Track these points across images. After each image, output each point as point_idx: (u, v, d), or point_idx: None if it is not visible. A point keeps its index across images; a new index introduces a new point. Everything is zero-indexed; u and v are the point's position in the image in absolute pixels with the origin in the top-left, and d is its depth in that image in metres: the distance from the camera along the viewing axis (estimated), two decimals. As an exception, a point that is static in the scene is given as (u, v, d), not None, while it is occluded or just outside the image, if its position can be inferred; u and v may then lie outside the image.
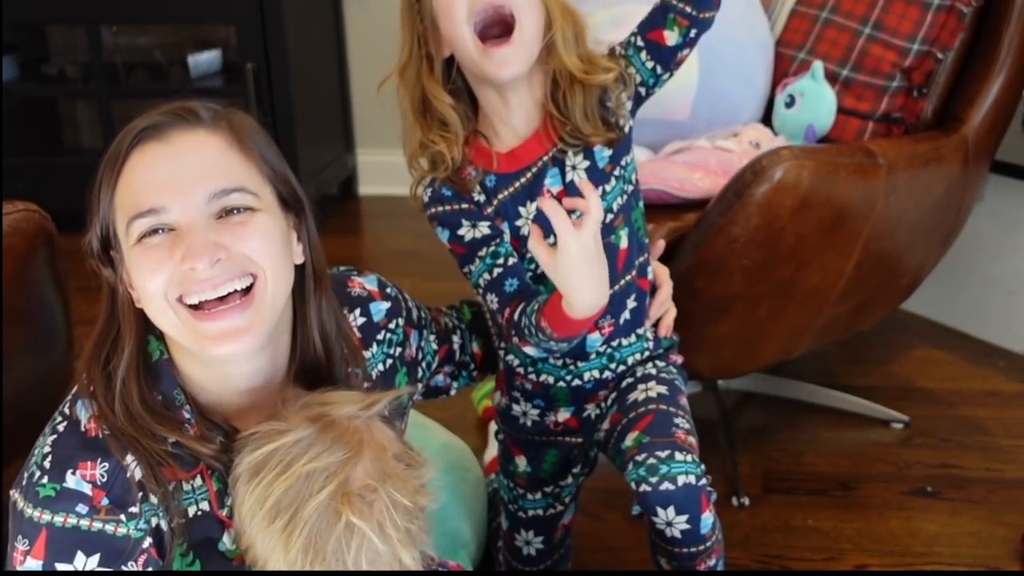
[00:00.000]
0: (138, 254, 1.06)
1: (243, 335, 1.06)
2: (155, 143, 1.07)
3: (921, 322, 2.58)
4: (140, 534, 1.06)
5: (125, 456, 1.06)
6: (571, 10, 1.32)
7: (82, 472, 1.05)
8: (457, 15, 1.24)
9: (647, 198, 1.74)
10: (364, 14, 3.53)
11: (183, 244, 1.04)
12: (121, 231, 1.08)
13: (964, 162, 1.91)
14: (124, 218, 1.07)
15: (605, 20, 2.01)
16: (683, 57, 1.37)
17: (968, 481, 1.97)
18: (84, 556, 1.03)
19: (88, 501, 1.04)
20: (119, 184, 1.08)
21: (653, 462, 1.25)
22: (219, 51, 3.35)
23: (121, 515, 1.05)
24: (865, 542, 1.80)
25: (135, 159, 1.07)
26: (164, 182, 1.05)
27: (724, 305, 1.71)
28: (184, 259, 1.04)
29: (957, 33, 1.90)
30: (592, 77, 1.31)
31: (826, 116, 1.93)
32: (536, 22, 1.27)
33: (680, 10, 1.32)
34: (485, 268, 1.34)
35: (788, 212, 1.60)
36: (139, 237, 1.06)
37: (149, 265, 1.05)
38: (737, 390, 2.27)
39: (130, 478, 1.06)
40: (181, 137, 1.08)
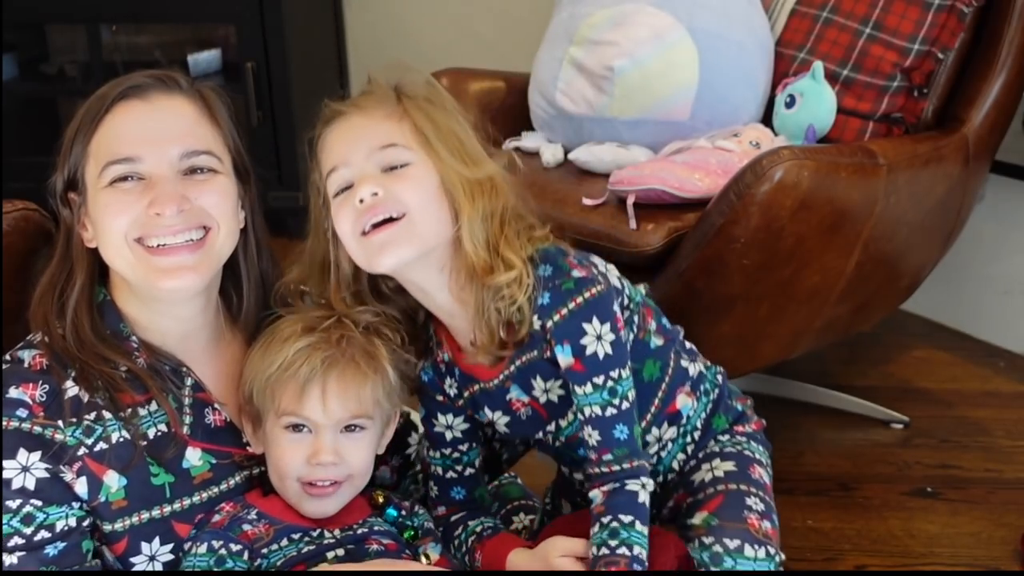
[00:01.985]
0: (107, 195, 1.16)
1: (190, 272, 1.18)
2: (138, 101, 1.20)
3: (921, 322, 2.59)
4: (75, 441, 1.16)
5: (65, 382, 1.18)
6: (490, 188, 1.19)
7: (24, 388, 1.17)
8: (343, 228, 1.17)
9: (647, 198, 1.74)
10: (364, 14, 3.53)
11: (152, 192, 1.15)
12: (92, 174, 1.18)
13: (964, 162, 1.91)
14: (99, 163, 1.17)
15: (605, 20, 2.01)
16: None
17: (968, 481, 1.97)
18: (27, 452, 1.14)
19: (28, 407, 1.16)
20: (98, 132, 1.18)
21: (719, 550, 1.21)
22: (219, 50, 3.35)
23: (59, 421, 1.16)
24: (865, 542, 1.80)
25: (118, 112, 1.19)
26: (142, 135, 1.18)
27: (724, 305, 1.71)
28: (152, 205, 1.15)
29: (957, 33, 1.90)
30: (491, 278, 1.16)
31: (826, 116, 1.93)
32: (431, 214, 1.16)
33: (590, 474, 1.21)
34: (442, 464, 1.35)
35: (788, 212, 1.60)
36: (111, 181, 1.16)
37: (117, 207, 1.16)
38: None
39: (68, 399, 1.17)
40: (161, 99, 1.21)
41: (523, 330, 1.18)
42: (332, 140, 1.20)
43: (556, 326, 1.17)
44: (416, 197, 1.15)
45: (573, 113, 2.03)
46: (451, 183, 1.16)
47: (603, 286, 1.18)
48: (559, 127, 2.07)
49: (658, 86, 1.95)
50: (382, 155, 1.16)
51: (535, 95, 2.13)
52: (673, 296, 1.71)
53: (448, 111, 1.22)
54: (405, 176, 1.15)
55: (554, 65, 2.07)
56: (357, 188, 1.14)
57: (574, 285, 1.17)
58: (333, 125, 1.21)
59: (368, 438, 1.23)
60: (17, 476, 1.14)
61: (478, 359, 1.23)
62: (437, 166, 1.17)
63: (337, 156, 1.18)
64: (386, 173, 1.16)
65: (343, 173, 1.17)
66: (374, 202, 1.14)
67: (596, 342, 1.17)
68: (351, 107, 1.21)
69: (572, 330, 1.17)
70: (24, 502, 1.14)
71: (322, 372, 1.18)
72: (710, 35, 1.96)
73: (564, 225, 1.82)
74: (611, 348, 1.17)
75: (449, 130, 1.20)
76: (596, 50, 2.00)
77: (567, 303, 1.17)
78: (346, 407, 1.20)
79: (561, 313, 1.17)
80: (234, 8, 3.07)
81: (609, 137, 2.00)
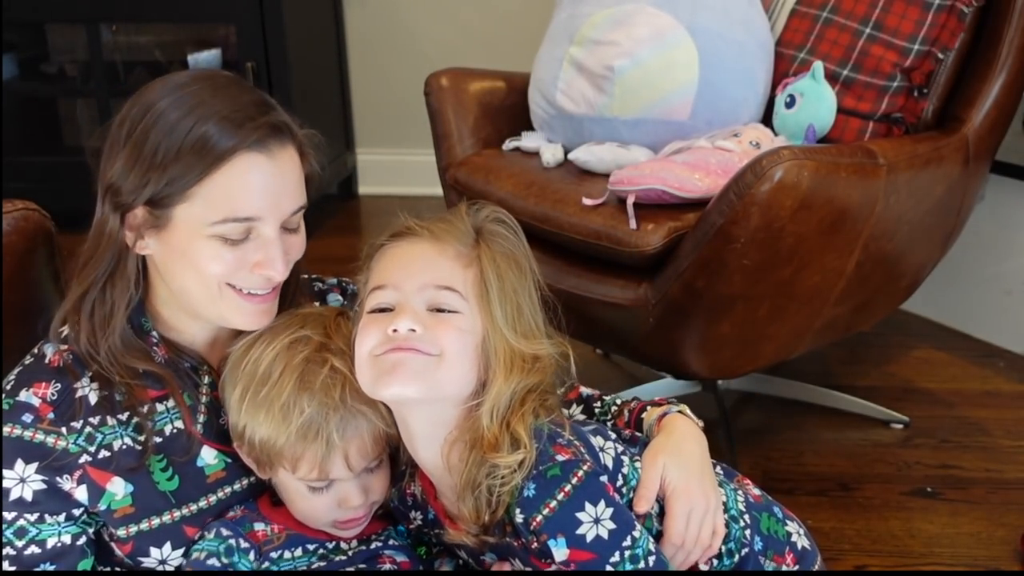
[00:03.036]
0: (214, 245, 1.14)
1: (267, 316, 1.21)
2: (259, 155, 1.14)
3: (921, 322, 2.59)
4: (77, 449, 1.16)
5: (79, 380, 1.18)
6: (531, 365, 1.12)
7: (35, 389, 1.16)
8: (362, 346, 1.11)
9: (647, 198, 1.74)
10: (364, 14, 3.54)
11: (263, 252, 1.16)
12: (197, 216, 1.13)
13: (964, 162, 1.91)
14: (214, 212, 1.12)
15: (605, 20, 2.01)
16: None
17: (968, 481, 1.97)
18: (23, 463, 1.15)
19: (34, 411, 1.15)
20: (212, 179, 1.12)
21: None
22: (219, 50, 3.35)
23: (62, 428, 1.16)
24: (865, 542, 1.80)
25: (239, 164, 1.13)
26: (265, 195, 1.14)
27: (724, 305, 1.71)
28: (262, 266, 1.16)
29: (958, 33, 1.90)
30: (494, 455, 1.07)
31: (826, 116, 1.93)
32: (460, 368, 1.09)
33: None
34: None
35: (788, 212, 1.60)
36: (221, 235, 1.14)
37: (222, 260, 1.15)
38: (737, 390, 2.27)
39: (79, 398, 1.17)
40: (279, 152, 1.16)
41: (500, 512, 1.09)
42: (392, 257, 1.15)
43: (547, 520, 1.06)
44: (454, 346, 1.08)
45: (573, 113, 2.03)
46: (493, 347, 1.10)
47: (589, 464, 1.08)
48: (559, 127, 2.07)
49: (658, 86, 1.95)
50: (435, 294, 1.10)
51: (535, 95, 2.13)
52: (673, 296, 1.71)
53: (521, 272, 1.15)
54: (449, 323, 1.09)
55: (554, 65, 2.07)
56: (398, 318, 1.08)
57: (560, 471, 1.07)
58: (401, 242, 1.15)
59: (384, 470, 1.24)
60: (15, 487, 1.15)
61: (459, 523, 1.16)
62: (485, 324, 1.11)
63: (389, 276, 1.13)
64: (431, 312, 1.09)
65: (389, 295, 1.11)
66: (408, 337, 1.07)
67: (595, 526, 1.07)
68: (425, 231, 1.15)
69: (566, 523, 1.06)
70: (19, 515, 1.15)
71: (341, 440, 1.16)
72: (710, 35, 1.96)
73: (564, 225, 1.83)
74: (614, 522, 1.07)
75: (513, 292, 1.13)
76: (596, 50, 2.00)
77: (555, 494, 1.06)
78: (366, 458, 1.20)
79: (550, 507, 1.06)
80: (234, 8, 3.07)
81: (609, 137, 2.00)
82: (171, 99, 1.13)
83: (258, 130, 1.13)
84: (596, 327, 1.95)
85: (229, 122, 1.12)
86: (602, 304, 1.80)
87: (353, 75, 3.61)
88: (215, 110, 1.12)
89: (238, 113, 1.13)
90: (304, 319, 1.22)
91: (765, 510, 1.25)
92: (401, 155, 3.65)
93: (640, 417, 1.26)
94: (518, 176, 1.99)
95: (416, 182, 3.54)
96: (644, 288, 1.75)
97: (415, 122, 2.65)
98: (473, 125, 2.17)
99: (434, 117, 2.17)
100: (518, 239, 1.17)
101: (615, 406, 1.30)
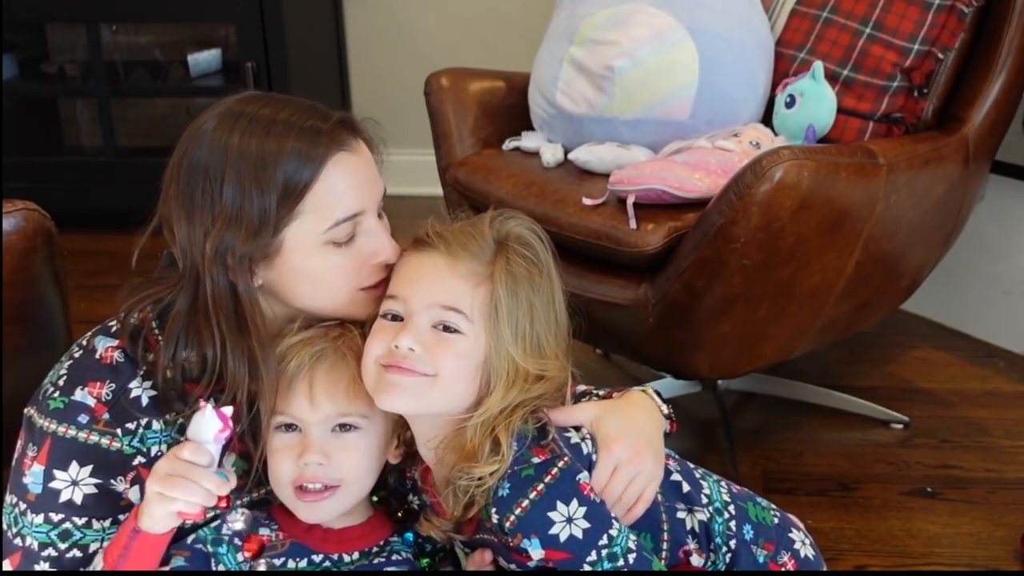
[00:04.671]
0: (332, 254, 1.16)
1: (377, 303, 1.20)
2: (345, 153, 1.16)
3: (921, 322, 2.58)
4: (132, 451, 1.16)
5: (132, 380, 1.17)
6: (535, 380, 1.13)
7: (90, 389, 1.16)
8: (371, 349, 1.14)
9: (647, 198, 1.74)
10: (364, 14, 3.53)
11: (376, 243, 1.18)
12: (304, 233, 1.14)
13: (964, 162, 1.91)
14: (324, 220, 1.14)
15: (605, 20, 2.01)
16: None
17: (968, 481, 1.97)
18: (78, 465, 1.14)
19: (90, 412, 1.15)
20: (314, 189, 1.13)
21: None
22: (219, 50, 3.35)
23: (117, 430, 1.16)
24: (865, 542, 1.80)
25: (334, 166, 1.15)
26: (362, 188, 1.18)
27: (724, 305, 1.71)
28: (379, 255, 1.18)
29: (958, 33, 1.90)
30: (471, 464, 1.09)
31: (826, 116, 1.93)
32: (457, 387, 1.11)
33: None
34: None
35: (788, 212, 1.60)
36: (332, 238, 1.15)
37: (349, 264, 1.17)
38: (737, 390, 2.27)
39: (133, 399, 1.17)
40: (357, 145, 1.20)
41: (474, 510, 1.10)
42: (406, 268, 1.16)
43: (519, 520, 1.07)
44: (450, 369, 1.10)
45: (573, 113, 2.03)
46: (496, 367, 1.11)
47: (564, 461, 1.10)
48: (559, 127, 2.07)
49: (658, 86, 1.95)
50: (440, 314, 1.10)
51: (535, 95, 2.13)
52: (673, 296, 1.71)
53: (539, 288, 1.15)
54: (450, 345, 1.10)
55: (554, 65, 2.07)
56: (401, 334, 1.09)
57: (534, 472, 1.08)
58: (416, 253, 1.16)
59: (364, 441, 1.17)
60: (66, 489, 1.14)
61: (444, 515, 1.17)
62: (491, 344, 1.11)
63: (400, 287, 1.14)
64: (435, 330, 1.10)
65: (397, 306, 1.13)
66: (407, 355, 1.09)
67: (568, 524, 1.07)
68: (442, 243, 1.14)
69: (538, 523, 1.07)
70: (66, 517, 1.15)
71: (310, 367, 1.15)
72: (710, 35, 1.96)
73: (564, 225, 1.83)
74: (588, 520, 1.08)
75: (527, 311, 1.12)
76: (596, 50, 2.00)
77: (528, 493, 1.07)
78: (335, 403, 1.15)
79: (522, 506, 1.07)
80: (234, 8, 3.07)
81: (609, 137, 2.00)
82: (238, 136, 1.12)
83: (333, 131, 1.16)
84: (596, 327, 1.95)
85: (307, 132, 1.14)
86: (602, 304, 1.80)
87: (353, 75, 3.61)
88: (287, 127, 1.13)
89: (307, 122, 1.15)
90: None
91: (749, 500, 1.26)
92: (401, 155, 3.64)
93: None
94: (518, 176, 1.99)
95: (416, 182, 3.54)
96: (644, 288, 1.75)
97: (415, 122, 2.64)
98: (473, 125, 2.17)
99: (434, 117, 2.17)
100: (542, 252, 1.17)
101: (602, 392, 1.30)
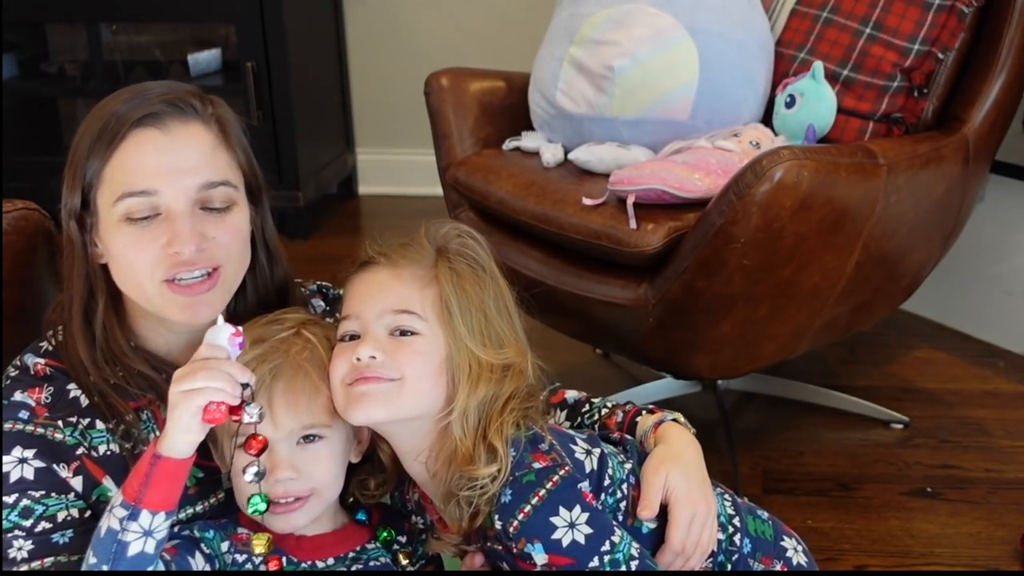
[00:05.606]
0: (125, 232, 1.15)
1: (205, 307, 1.18)
2: (154, 130, 1.16)
3: (921, 322, 2.58)
4: (75, 441, 1.17)
5: (69, 383, 1.19)
6: (503, 373, 1.14)
7: (30, 393, 1.18)
8: (335, 373, 1.14)
9: (647, 198, 1.74)
10: (364, 14, 3.54)
11: (170, 230, 1.14)
12: (104, 201, 1.16)
13: (964, 162, 1.91)
14: (113, 192, 1.15)
15: (605, 20, 2.01)
16: None
17: (968, 481, 1.97)
18: (22, 449, 1.15)
19: (30, 410, 1.17)
20: (111, 159, 1.15)
21: None
22: (219, 50, 3.35)
23: (59, 422, 1.17)
24: (865, 542, 1.80)
25: (133, 141, 1.15)
26: (160, 168, 1.15)
27: (724, 305, 1.71)
28: (170, 244, 1.14)
29: (958, 33, 1.90)
30: (469, 468, 1.10)
31: (826, 116, 1.93)
32: (424, 388, 1.12)
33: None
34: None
35: (788, 212, 1.60)
36: (125, 214, 1.15)
37: (136, 246, 1.15)
38: (737, 390, 2.27)
39: (72, 399, 1.19)
40: (178, 127, 1.17)
41: (480, 520, 1.11)
42: (355, 289, 1.18)
43: (523, 526, 1.08)
44: (414, 368, 1.11)
45: (573, 113, 2.03)
46: (458, 363, 1.12)
47: (566, 468, 1.11)
48: (559, 127, 2.07)
49: (658, 86, 1.95)
50: (394, 319, 1.13)
51: (535, 95, 2.13)
52: (673, 296, 1.71)
53: (485, 284, 1.17)
54: (409, 346, 1.12)
55: (554, 65, 2.07)
56: (359, 346, 1.11)
57: (535, 477, 1.09)
58: (362, 273, 1.18)
59: (329, 448, 1.17)
60: (15, 469, 1.14)
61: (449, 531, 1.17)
62: (449, 341, 1.13)
63: (352, 306, 1.16)
64: (392, 337, 1.12)
65: (353, 325, 1.15)
66: (370, 364, 1.10)
67: (570, 530, 1.08)
68: (384, 258, 1.17)
69: (540, 528, 1.08)
70: (21, 495, 1.14)
71: (268, 384, 1.13)
72: (710, 35, 1.96)
73: (564, 225, 1.83)
74: (590, 526, 1.09)
75: (479, 306, 1.14)
76: (596, 50, 1.99)
77: (530, 499, 1.08)
78: (296, 418, 1.14)
79: (525, 512, 1.08)
80: (234, 8, 3.07)
81: (609, 137, 2.00)
82: (99, 103, 1.19)
83: (151, 106, 1.16)
84: (596, 327, 1.95)
85: (128, 104, 1.16)
86: (602, 304, 1.80)
87: (353, 75, 3.61)
88: (123, 97, 1.18)
89: (139, 95, 1.17)
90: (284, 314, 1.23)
91: (749, 513, 1.28)
92: (401, 155, 3.65)
93: (635, 421, 1.27)
94: (518, 176, 1.99)
95: (416, 182, 3.54)
96: (644, 288, 1.75)
97: (415, 122, 2.65)
98: (473, 125, 2.17)
99: (434, 117, 2.17)
100: (482, 252, 1.19)
101: (605, 408, 1.31)
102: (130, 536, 1.02)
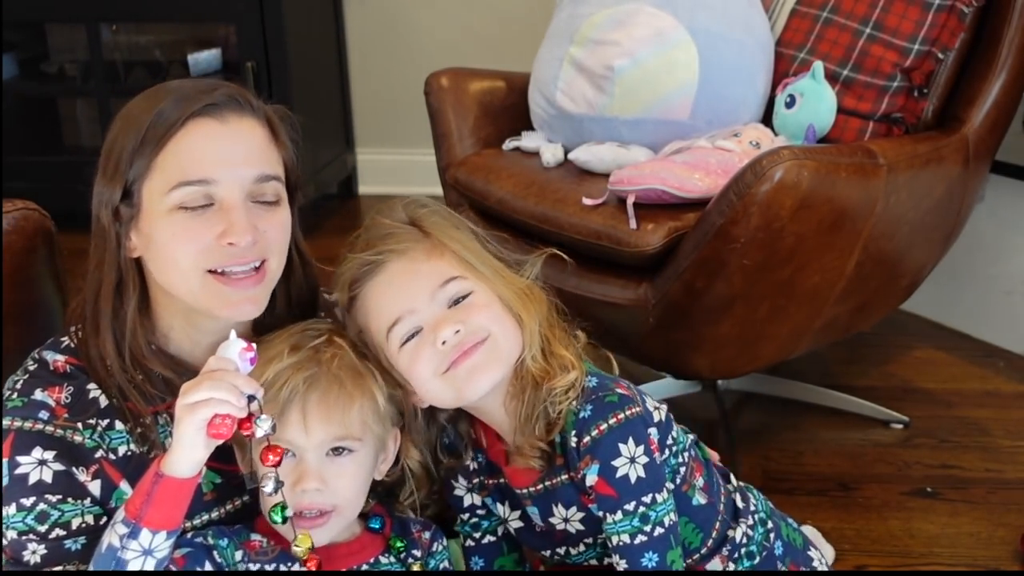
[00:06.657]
0: (176, 220, 1.13)
1: (250, 303, 1.18)
2: (212, 120, 1.15)
3: (921, 322, 2.58)
4: (94, 444, 1.16)
5: (89, 383, 1.18)
6: (532, 294, 1.20)
7: (49, 392, 1.17)
8: (422, 373, 1.16)
9: (647, 198, 1.74)
10: (364, 14, 3.54)
11: (226, 219, 1.13)
12: (155, 190, 1.14)
13: (964, 162, 1.91)
14: (167, 181, 1.13)
15: (606, 20, 2.01)
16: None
17: (968, 481, 1.97)
18: (41, 450, 1.14)
19: (50, 410, 1.16)
20: (166, 148, 1.14)
21: None
22: (219, 50, 3.35)
23: (78, 424, 1.16)
24: (865, 542, 1.80)
25: (191, 129, 1.14)
26: (218, 157, 1.14)
27: (724, 305, 1.71)
28: (226, 235, 1.13)
29: (958, 33, 1.90)
30: (551, 382, 1.16)
31: (826, 116, 1.93)
32: (508, 331, 1.16)
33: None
34: (460, 529, 1.32)
35: (788, 212, 1.60)
36: (179, 203, 1.13)
37: (188, 234, 1.13)
38: (737, 390, 2.27)
39: (91, 399, 1.18)
40: (236, 120, 1.17)
41: (556, 431, 1.16)
42: (383, 292, 1.17)
43: (593, 442, 1.13)
44: (492, 320, 1.15)
45: (573, 113, 2.03)
46: (508, 298, 1.17)
47: (640, 408, 1.16)
48: (559, 127, 2.07)
49: (658, 86, 1.95)
50: (444, 292, 1.15)
51: (535, 95, 2.13)
52: (673, 296, 1.71)
53: (466, 232, 1.21)
54: (474, 306, 1.15)
55: (554, 65, 2.07)
56: (435, 331, 1.13)
57: (618, 399, 1.15)
58: (376, 277, 1.18)
59: (357, 463, 1.17)
60: (34, 471, 1.13)
61: (518, 462, 1.21)
62: (492, 286, 1.17)
63: (398, 306, 1.16)
64: (453, 308, 1.15)
65: (411, 321, 1.15)
66: (457, 339, 1.13)
67: (629, 464, 1.12)
68: (386, 254, 1.18)
69: (607, 449, 1.13)
70: (38, 499, 1.13)
71: (303, 393, 1.13)
72: (710, 35, 1.96)
73: (564, 225, 1.83)
74: (644, 471, 1.13)
75: (481, 249, 1.19)
76: (597, 50, 2.00)
77: (608, 418, 1.13)
78: (329, 429, 1.14)
79: (600, 428, 1.13)
80: (234, 8, 3.07)
81: (609, 137, 2.00)
82: (135, 101, 1.18)
83: (210, 98, 1.16)
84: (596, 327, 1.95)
85: (182, 96, 1.16)
86: (602, 304, 1.80)
87: (353, 75, 3.61)
88: (171, 91, 1.17)
89: (192, 89, 1.17)
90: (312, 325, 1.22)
91: (781, 519, 1.30)
92: (401, 155, 3.65)
93: None
94: (518, 176, 1.99)
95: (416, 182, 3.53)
96: (644, 288, 1.75)
97: (415, 122, 2.65)
98: (473, 125, 2.17)
99: (434, 117, 2.17)
100: (439, 206, 1.23)
101: None
102: (129, 555, 1.03)
